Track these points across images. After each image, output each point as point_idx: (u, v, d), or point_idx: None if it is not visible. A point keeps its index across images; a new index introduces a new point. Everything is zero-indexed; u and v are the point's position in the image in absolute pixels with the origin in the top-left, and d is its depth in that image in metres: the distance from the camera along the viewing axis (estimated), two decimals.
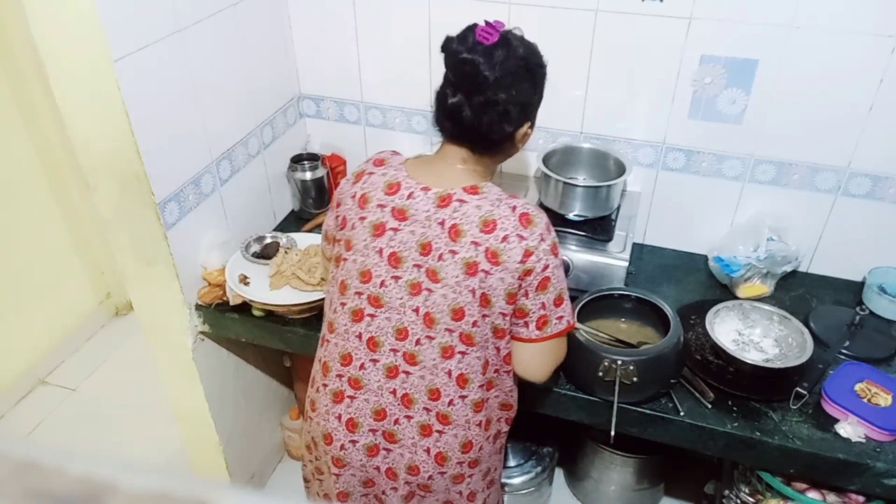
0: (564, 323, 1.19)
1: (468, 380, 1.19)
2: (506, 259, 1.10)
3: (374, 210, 1.17)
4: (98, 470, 0.26)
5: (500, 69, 1.08)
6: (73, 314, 2.69)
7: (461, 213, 1.12)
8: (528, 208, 1.13)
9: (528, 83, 1.14)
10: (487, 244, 1.10)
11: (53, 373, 2.60)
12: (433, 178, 1.16)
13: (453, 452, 1.24)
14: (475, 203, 1.12)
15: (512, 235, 1.10)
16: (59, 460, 0.26)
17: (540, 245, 1.11)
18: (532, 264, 1.11)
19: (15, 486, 0.25)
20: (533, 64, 1.14)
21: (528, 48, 1.15)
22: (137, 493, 0.25)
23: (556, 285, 1.15)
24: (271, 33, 1.81)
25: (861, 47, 1.46)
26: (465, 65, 1.09)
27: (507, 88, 1.09)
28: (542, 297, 1.14)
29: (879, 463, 1.27)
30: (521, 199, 1.15)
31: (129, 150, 1.36)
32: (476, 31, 1.10)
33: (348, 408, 1.25)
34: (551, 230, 1.15)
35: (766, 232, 1.67)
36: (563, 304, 1.18)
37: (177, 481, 0.25)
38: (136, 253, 1.54)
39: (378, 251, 1.17)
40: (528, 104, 1.16)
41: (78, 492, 0.25)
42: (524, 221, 1.11)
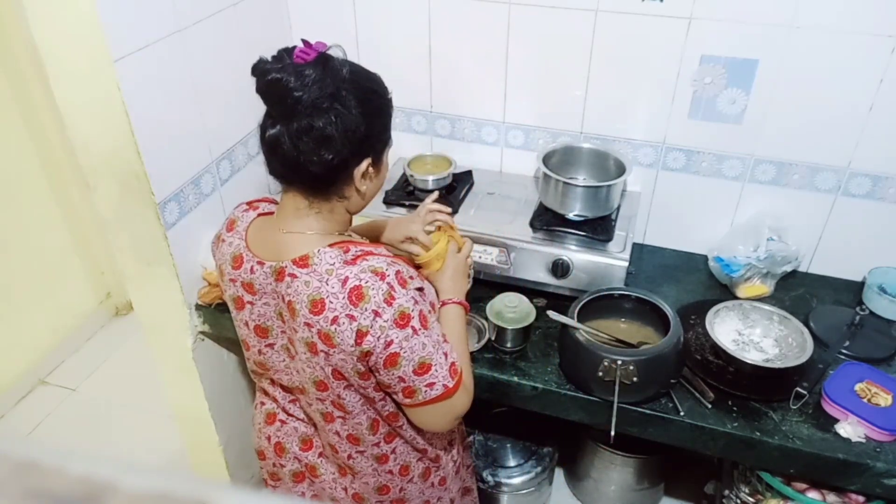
0: (439, 389, 1.05)
1: (360, 438, 1.16)
2: (339, 342, 0.99)
3: (229, 284, 1.13)
4: (98, 470, 0.26)
5: (314, 89, 0.95)
6: (73, 314, 2.69)
7: (293, 289, 1.01)
8: (363, 279, 0.98)
9: (357, 108, 0.98)
10: (318, 326, 0.99)
11: (53, 373, 2.60)
12: (267, 249, 1.07)
13: (370, 496, 1.23)
14: (304, 279, 1.00)
15: (341, 316, 0.97)
16: (59, 460, 0.26)
17: (375, 322, 0.97)
18: (369, 345, 0.98)
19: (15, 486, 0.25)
20: (364, 90, 1.01)
21: (359, 73, 1.02)
22: (137, 493, 0.25)
23: (411, 357, 1.01)
24: (271, 33, 1.81)
25: (861, 47, 1.46)
26: (273, 85, 0.96)
27: (325, 112, 0.96)
28: (396, 372, 1.02)
29: (879, 463, 1.27)
30: (359, 265, 0.99)
31: (129, 150, 1.36)
32: (293, 51, 0.98)
33: (278, 431, 1.27)
34: (394, 298, 0.98)
35: (766, 232, 1.67)
36: (431, 371, 1.03)
37: (177, 481, 0.25)
38: (136, 253, 1.54)
39: (245, 323, 1.15)
40: (357, 134, 0.99)
41: (78, 492, 0.25)
42: (354, 298, 0.97)
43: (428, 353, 1.03)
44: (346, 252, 1.03)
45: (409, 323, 1.00)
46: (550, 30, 1.66)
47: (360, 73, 1.03)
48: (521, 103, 1.80)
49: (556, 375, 1.45)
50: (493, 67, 1.77)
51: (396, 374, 1.02)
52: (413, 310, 1.01)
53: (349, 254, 1.02)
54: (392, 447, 1.19)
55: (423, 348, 1.02)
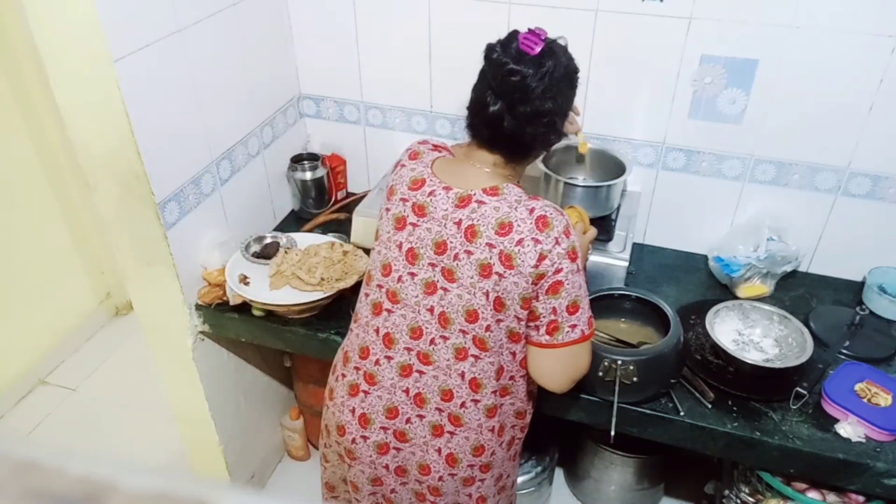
0: (577, 332, 1.13)
1: (481, 384, 1.18)
2: (519, 263, 1.08)
3: (398, 203, 1.19)
4: (98, 470, 0.26)
5: (547, 80, 1.08)
6: (73, 314, 2.69)
7: (479, 213, 1.11)
8: (547, 210, 1.10)
9: (570, 90, 1.15)
10: (502, 247, 1.09)
11: (53, 373, 2.60)
12: (456, 179, 1.16)
13: (464, 455, 1.23)
14: (493, 204, 1.11)
15: (527, 239, 1.08)
16: (59, 460, 0.26)
17: (554, 248, 1.08)
18: (545, 268, 1.08)
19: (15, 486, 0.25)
20: (572, 71, 1.15)
21: (569, 57, 1.15)
22: (137, 493, 0.25)
23: (570, 291, 1.11)
24: (271, 33, 1.81)
25: (861, 47, 1.46)
26: (511, 76, 1.08)
27: (554, 99, 1.10)
28: (553, 302, 1.11)
29: (879, 463, 1.27)
30: (542, 201, 1.12)
31: (129, 150, 1.36)
32: (519, 39, 1.09)
33: (362, 402, 1.26)
34: (570, 234, 1.10)
35: (766, 232, 1.67)
36: (578, 313, 1.13)
37: (177, 481, 0.25)
38: (136, 253, 1.54)
39: (398, 245, 1.18)
40: (567, 113, 1.16)
41: (78, 492, 0.25)
42: (540, 224, 1.08)
43: (581, 294, 1.12)
44: (526, 193, 1.14)
45: (576, 258, 1.11)
46: (551, 30, 1.66)
47: (570, 57, 1.15)
48: None
49: None
50: None
51: (552, 303, 1.11)
52: (579, 249, 1.12)
53: (529, 194, 1.14)
54: (502, 401, 1.23)
55: (578, 288, 1.12)
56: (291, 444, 2.18)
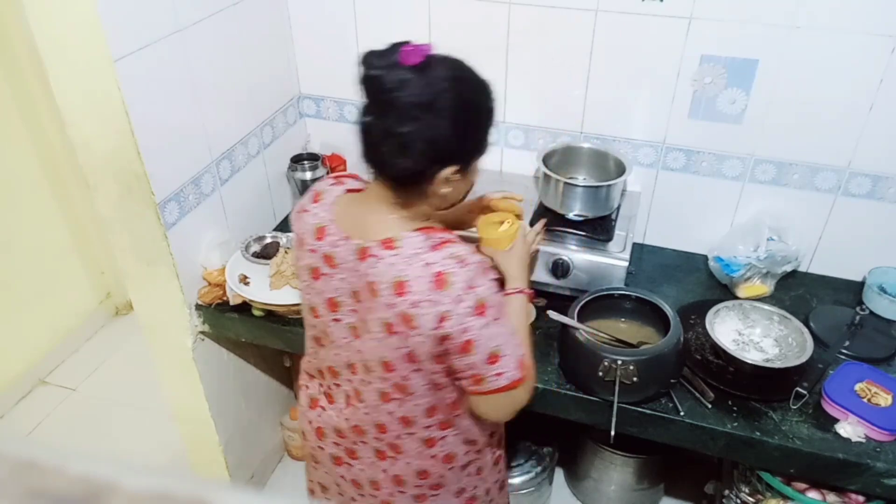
0: (504, 380, 1.05)
1: (412, 421, 1.16)
2: (420, 324, 1.00)
3: (308, 254, 1.13)
4: (98, 470, 0.26)
5: (410, 95, 0.95)
6: (73, 314, 2.69)
7: (376, 270, 1.02)
8: (447, 265, 0.99)
9: (449, 120, 0.97)
10: (401, 308, 1.00)
11: (53, 373, 2.60)
12: (356, 226, 1.08)
13: (409, 478, 1.22)
14: (389, 260, 1.01)
15: (423, 300, 0.99)
16: (59, 460, 0.26)
17: (455, 308, 0.98)
18: (448, 329, 1.00)
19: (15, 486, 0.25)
20: (464, 101, 0.99)
21: (465, 83, 1.01)
22: (137, 493, 0.25)
23: (484, 345, 1.02)
24: (271, 33, 1.81)
25: (861, 47, 1.46)
26: (369, 81, 0.97)
27: (411, 120, 0.96)
28: (467, 359, 1.03)
29: (879, 463, 1.27)
30: (444, 250, 1.00)
31: (129, 150, 1.36)
32: (401, 48, 0.96)
33: (319, 416, 1.27)
34: (475, 286, 0.99)
35: (766, 232, 1.67)
36: (500, 361, 1.04)
37: (177, 481, 0.25)
38: (136, 253, 1.54)
39: (319, 293, 1.14)
40: (442, 143, 0.99)
41: (78, 492, 0.25)
42: (437, 283, 0.98)
43: (499, 344, 1.04)
44: (431, 238, 1.03)
45: (486, 312, 1.01)
46: (550, 29, 1.66)
47: (466, 81, 1.01)
48: (521, 103, 1.80)
49: (556, 375, 1.45)
50: (494, 67, 1.76)
51: (468, 360, 1.04)
52: (491, 300, 1.02)
53: (433, 240, 1.03)
54: (443, 434, 1.19)
55: (496, 339, 1.03)
56: (291, 444, 2.18)
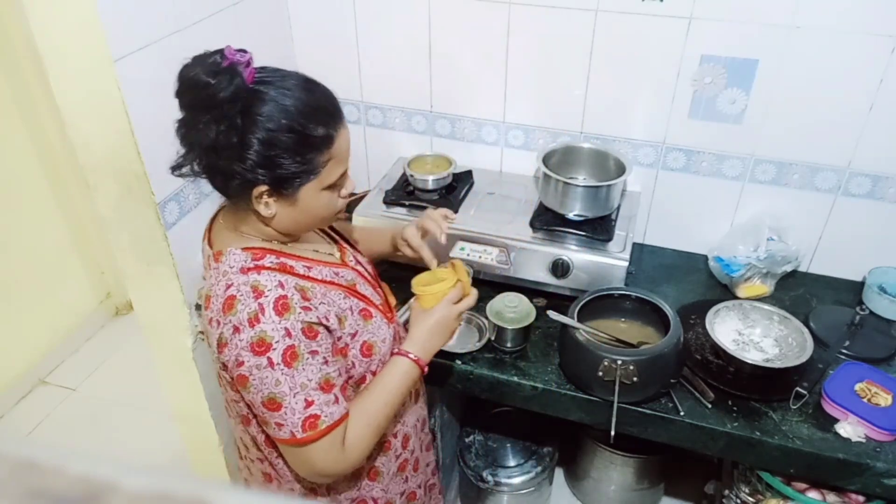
0: (286, 433, 0.96)
1: (258, 445, 1.14)
2: (211, 343, 0.99)
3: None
4: (98, 470, 0.26)
5: (191, 97, 0.91)
6: (73, 314, 2.69)
7: (206, 280, 1.02)
8: (240, 290, 0.94)
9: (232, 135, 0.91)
10: (204, 322, 1.00)
11: (53, 373, 2.60)
12: (215, 232, 1.08)
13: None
14: (211, 272, 1.01)
15: (214, 319, 0.96)
16: (59, 460, 0.26)
17: (233, 338, 0.94)
18: (226, 357, 0.96)
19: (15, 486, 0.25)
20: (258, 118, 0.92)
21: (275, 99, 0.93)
22: (137, 493, 0.25)
23: (259, 387, 0.95)
24: (271, 33, 1.81)
25: (861, 47, 1.46)
26: (177, 77, 0.93)
27: (190, 125, 0.93)
28: (246, 395, 0.98)
29: (879, 463, 1.27)
30: (248, 276, 0.96)
31: (129, 150, 1.36)
32: (227, 49, 0.92)
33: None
34: (259, 321, 0.92)
35: (766, 232, 1.67)
36: (281, 411, 0.95)
37: (177, 481, 0.25)
38: (136, 253, 1.54)
39: None
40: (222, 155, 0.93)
41: (78, 492, 0.25)
42: (226, 307, 0.94)
43: (281, 391, 0.95)
44: (255, 259, 0.99)
45: (266, 352, 0.93)
46: (550, 30, 1.66)
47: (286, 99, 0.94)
48: (521, 103, 1.80)
49: (556, 375, 1.45)
50: (494, 67, 1.77)
51: (247, 397, 0.98)
52: (278, 341, 0.93)
53: (248, 263, 0.98)
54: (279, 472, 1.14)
55: (275, 384, 0.95)
56: None
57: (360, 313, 1.08)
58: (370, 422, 1.04)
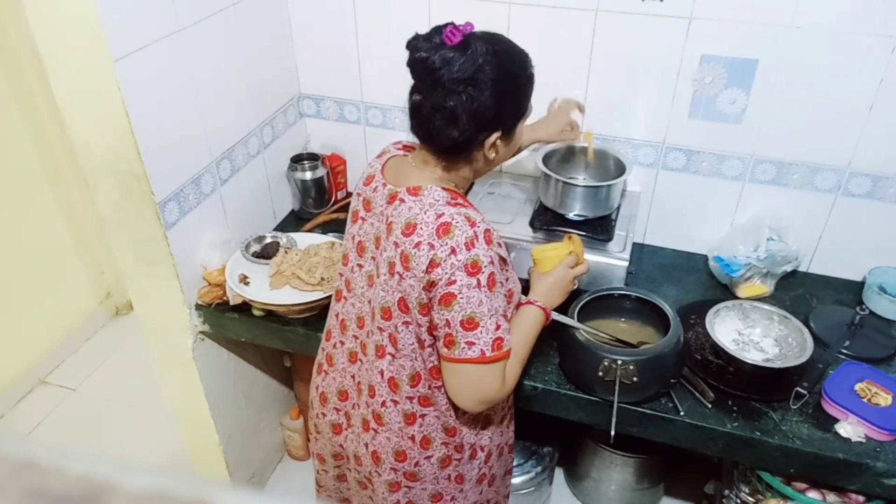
0: (475, 351, 1.05)
1: (398, 385, 1.17)
2: (414, 265, 1.06)
3: (355, 198, 1.23)
4: (98, 470, 0.26)
5: (452, 72, 1.04)
6: (73, 314, 2.69)
7: (398, 211, 1.10)
8: (455, 219, 1.05)
9: (490, 91, 1.05)
10: (404, 247, 1.07)
11: (53, 373, 2.60)
12: (396, 176, 1.17)
13: (387, 456, 1.23)
14: (409, 204, 1.09)
15: (424, 243, 1.05)
16: (59, 460, 0.26)
17: (449, 258, 1.03)
18: (437, 276, 1.04)
19: (15, 486, 0.25)
20: (502, 72, 1.07)
21: (502, 55, 1.08)
22: (137, 493, 0.25)
23: (465, 306, 1.04)
24: (271, 33, 1.81)
25: (861, 47, 1.46)
26: (417, 64, 1.07)
27: (457, 94, 1.05)
28: (445, 314, 1.06)
29: (879, 463, 1.27)
30: (460, 209, 1.07)
31: (129, 150, 1.36)
32: (444, 30, 1.06)
33: (323, 381, 1.31)
34: (474, 246, 1.04)
35: (766, 232, 1.67)
36: (477, 331, 1.05)
37: (177, 481, 0.25)
38: (136, 253, 1.54)
39: (352, 237, 1.22)
40: (485, 113, 1.07)
41: (78, 492, 0.25)
42: (441, 231, 1.04)
43: (481, 311, 1.05)
44: (453, 198, 1.10)
45: (477, 273, 1.04)
46: (550, 30, 1.66)
47: (503, 53, 1.08)
48: None
49: (556, 375, 1.45)
50: None
51: (446, 315, 1.06)
52: (486, 265, 1.05)
53: (453, 199, 1.09)
54: (424, 412, 1.19)
55: (478, 304, 1.05)
56: (291, 444, 2.18)
57: (507, 262, 1.18)
58: (520, 358, 1.16)
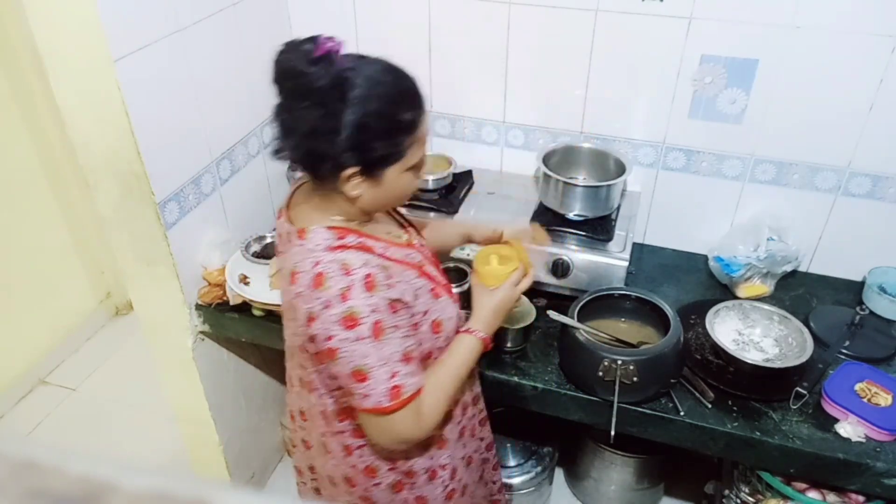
0: (371, 402, 1.01)
1: (328, 419, 1.16)
2: (297, 317, 1.02)
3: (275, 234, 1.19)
4: (98, 470, 0.26)
5: (290, 85, 0.97)
6: (73, 314, 2.69)
7: (288, 255, 1.05)
8: (328, 268, 0.98)
9: (337, 118, 0.95)
10: (290, 296, 1.03)
11: (53, 373, 2.60)
12: (295, 211, 1.11)
13: (339, 483, 1.22)
14: (296, 249, 1.04)
15: (303, 294, 0.99)
16: (59, 460, 0.26)
17: (323, 312, 0.97)
18: (314, 330, 0.99)
19: (15, 486, 0.25)
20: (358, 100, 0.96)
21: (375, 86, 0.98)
22: (137, 493, 0.25)
23: (349, 359, 0.99)
24: (271, 33, 1.81)
25: (861, 47, 1.46)
26: (277, 64, 0.98)
27: (289, 110, 0.98)
28: (333, 367, 1.02)
29: (879, 463, 1.27)
30: (335, 254, 1.00)
31: (129, 150, 1.36)
32: (317, 39, 0.96)
33: (289, 397, 1.30)
34: (349, 297, 0.97)
35: (766, 232, 1.67)
36: (367, 383, 1.00)
37: (177, 481, 0.25)
38: (136, 253, 1.54)
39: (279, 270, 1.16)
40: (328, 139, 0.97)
41: (78, 492, 0.25)
42: (315, 282, 0.98)
43: (368, 363, 0.99)
44: (339, 238, 1.03)
45: (355, 326, 0.97)
46: (550, 29, 1.66)
47: (379, 85, 0.99)
48: (521, 103, 1.80)
49: (556, 375, 1.45)
50: (493, 67, 1.77)
51: (334, 368, 1.02)
52: (365, 316, 0.98)
53: (333, 241, 1.02)
54: (359, 443, 1.16)
55: (363, 357, 0.99)
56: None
57: (430, 292, 1.13)
58: (443, 392, 1.11)
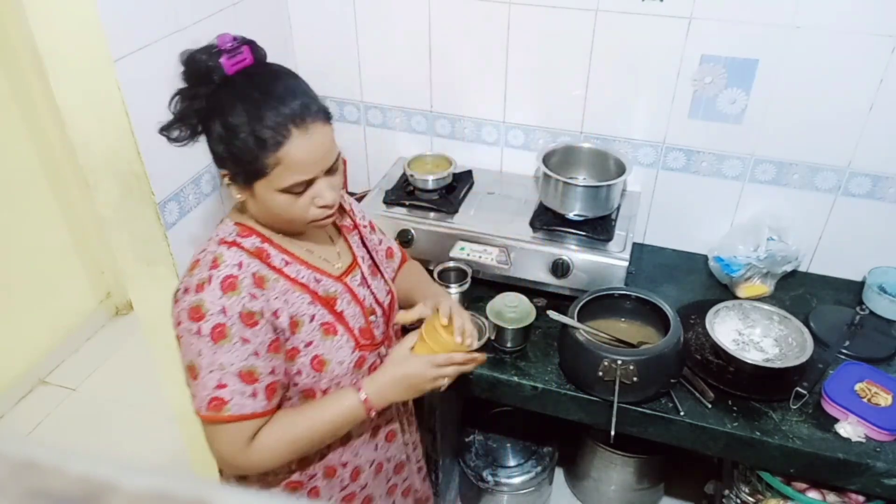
0: (195, 404, 0.99)
1: None
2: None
3: None
4: (98, 470, 0.25)
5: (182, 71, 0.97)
6: (73, 314, 2.69)
7: None
8: (204, 257, 0.99)
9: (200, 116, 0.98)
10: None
11: (53, 373, 2.60)
12: None
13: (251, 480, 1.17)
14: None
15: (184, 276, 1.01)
16: (59, 460, 0.26)
17: (181, 297, 0.98)
18: (172, 313, 1.00)
19: (15, 486, 0.25)
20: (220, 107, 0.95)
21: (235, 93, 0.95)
22: (137, 493, 0.25)
23: (185, 351, 0.98)
24: (271, 33, 1.81)
25: (861, 47, 1.46)
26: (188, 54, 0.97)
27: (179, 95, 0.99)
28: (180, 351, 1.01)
29: (879, 463, 1.27)
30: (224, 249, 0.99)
31: (129, 150, 1.36)
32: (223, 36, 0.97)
33: None
34: (202, 290, 0.95)
35: (766, 232, 1.67)
36: (196, 381, 0.97)
37: (177, 481, 0.25)
38: (136, 253, 1.53)
39: None
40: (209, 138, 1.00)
41: (78, 492, 0.25)
42: (190, 266, 1.01)
43: (200, 363, 0.96)
44: (239, 235, 1.03)
45: (199, 320, 0.95)
46: (550, 30, 1.66)
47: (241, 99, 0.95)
48: (521, 103, 1.80)
49: (556, 375, 1.45)
50: (494, 67, 1.77)
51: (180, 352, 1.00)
52: (211, 314, 0.95)
53: (236, 237, 1.03)
54: None
55: (197, 354, 0.96)
56: None
57: (321, 325, 1.05)
58: (289, 436, 1.02)
